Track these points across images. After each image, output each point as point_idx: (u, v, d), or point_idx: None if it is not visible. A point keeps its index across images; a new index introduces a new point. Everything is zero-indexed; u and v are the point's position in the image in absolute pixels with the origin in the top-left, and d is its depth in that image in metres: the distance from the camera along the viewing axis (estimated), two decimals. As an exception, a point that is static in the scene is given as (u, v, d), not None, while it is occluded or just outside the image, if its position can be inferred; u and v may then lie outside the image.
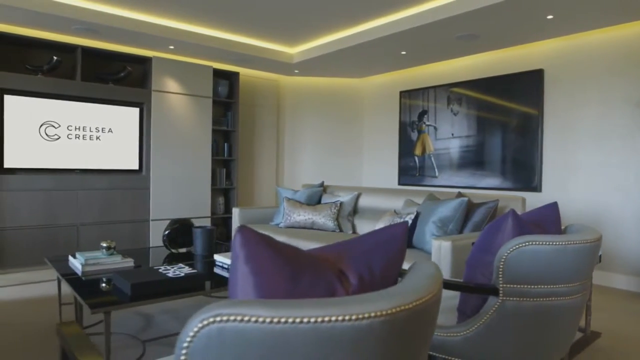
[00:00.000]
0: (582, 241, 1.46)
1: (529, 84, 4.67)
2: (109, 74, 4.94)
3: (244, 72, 6.10)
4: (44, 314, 3.04)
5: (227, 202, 6.00)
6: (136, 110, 5.00)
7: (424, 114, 5.72)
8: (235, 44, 5.18)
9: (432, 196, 3.58)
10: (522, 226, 1.60)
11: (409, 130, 5.91)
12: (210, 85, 5.48)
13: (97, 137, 4.75)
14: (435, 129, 5.59)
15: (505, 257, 1.47)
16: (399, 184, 6.04)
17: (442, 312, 1.80)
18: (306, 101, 6.59)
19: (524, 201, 3.28)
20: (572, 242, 1.45)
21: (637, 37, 3.95)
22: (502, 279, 1.48)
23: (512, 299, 1.47)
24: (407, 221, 1.01)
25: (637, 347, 2.64)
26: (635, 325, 3.03)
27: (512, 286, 1.47)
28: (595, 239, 1.50)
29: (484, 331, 1.50)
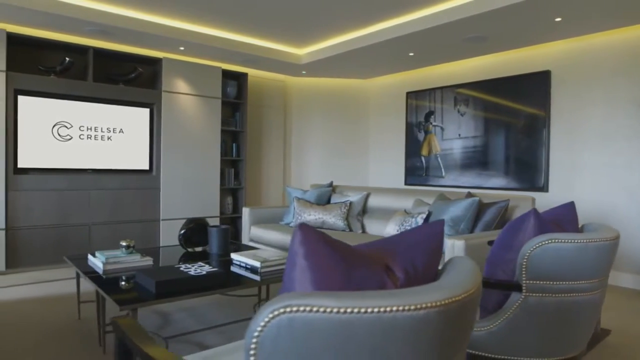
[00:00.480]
0: (603, 239, 1.52)
1: (535, 85, 4.72)
2: (120, 75, 4.99)
3: (252, 72, 6.15)
4: (60, 312, 3.09)
5: (235, 202, 6.05)
6: (146, 110, 5.05)
7: (430, 114, 5.78)
8: (244, 45, 5.23)
9: (443, 196, 3.63)
10: (543, 225, 1.65)
11: (416, 130, 5.96)
12: (219, 86, 5.53)
13: (109, 138, 4.80)
14: (442, 129, 5.64)
15: (528, 254, 1.52)
16: (406, 184, 6.09)
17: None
18: (313, 101, 6.64)
19: (534, 201, 3.33)
20: (593, 240, 1.50)
21: (644, 39, 4.00)
22: (526, 275, 1.53)
23: (535, 294, 1.52)
24: (444, 219, 1.07)
25: (647, 344, 2.69)
26: (643, 322, 3.08)
27: (535, 282, 1.52)
28: (614, 237, 1.56)
29: (507, 326, 1.55)
